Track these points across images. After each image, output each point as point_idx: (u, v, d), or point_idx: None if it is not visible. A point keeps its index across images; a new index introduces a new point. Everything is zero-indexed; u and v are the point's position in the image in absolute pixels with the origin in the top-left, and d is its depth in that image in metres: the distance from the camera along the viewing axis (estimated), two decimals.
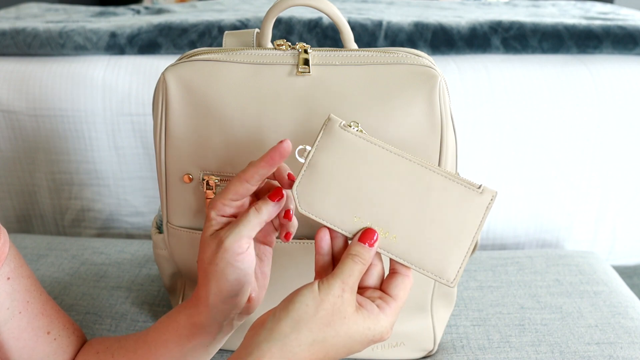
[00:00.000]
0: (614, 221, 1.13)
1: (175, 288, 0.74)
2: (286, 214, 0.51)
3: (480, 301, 0.82)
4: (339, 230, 0.49)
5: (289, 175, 0.51)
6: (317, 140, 0.50)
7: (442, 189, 0.48)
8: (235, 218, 0.51)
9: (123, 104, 1.07)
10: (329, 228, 0.50)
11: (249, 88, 0.59)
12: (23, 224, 1.19)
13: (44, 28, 1.13)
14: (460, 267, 0.48)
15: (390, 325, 0.46)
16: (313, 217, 0.50)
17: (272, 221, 0.53)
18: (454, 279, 0.48)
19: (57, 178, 1.13)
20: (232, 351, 0.72)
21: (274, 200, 0.50)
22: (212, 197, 0.60)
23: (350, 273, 0.45)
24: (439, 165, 0.60)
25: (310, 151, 0.50)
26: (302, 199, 0.50)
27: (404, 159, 0.49)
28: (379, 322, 0.46)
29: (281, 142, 0.48)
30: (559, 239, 1.13)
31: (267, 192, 0.52)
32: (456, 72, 1.06)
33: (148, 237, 1.15)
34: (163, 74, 0.61)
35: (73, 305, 0.81)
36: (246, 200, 0.52)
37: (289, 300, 0.45)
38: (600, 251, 1.14)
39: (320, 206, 0.49)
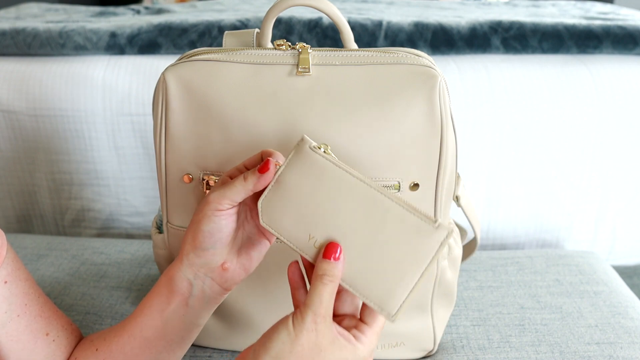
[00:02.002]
0: (614, 221, 1.13)
1: None
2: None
3: (480, 301, 0.82)
4: (293, 247, 0.49)
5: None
6: (288, 159, 0.51)
7: (398, 219, 0.47)
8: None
9: (123, 104, 1.07)
10: (302, 258, 0.50)
11: (249, 88, 0.59)
12: (23, 224, 1.19)
13: (44, 28, 1.13)
14: (404, 302, 0.46)
15: (369, 353, 0.46)
16: (272, 231, 0.51)
17: None
18: (395, 314, 0.45)
19: (57, 178, 1.13)
20: (236, 351, 0.72)
21: (261, 172, 0.51)
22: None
23: (320, 300, 0.45)
24: (438, 164, 0.60)
25: (280, 168, 0.51)
26: (265, 213, 0.51)
27: (365, 184, 0.48)
28: (356, 353, 0.45)
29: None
30: (559, 239, 1.13)
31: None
32: (456, 72, 1.06)
33: (148, 237, 1.15)
34: (163, 73, 0.61)
35: (73, 305, 0.81)
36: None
37: (267, 337, 0.45)
38: (600, 251, 1.14)
39: (280, 222, 0.50)
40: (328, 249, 0.46)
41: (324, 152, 0.50)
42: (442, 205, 0.62)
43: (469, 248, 0.81)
